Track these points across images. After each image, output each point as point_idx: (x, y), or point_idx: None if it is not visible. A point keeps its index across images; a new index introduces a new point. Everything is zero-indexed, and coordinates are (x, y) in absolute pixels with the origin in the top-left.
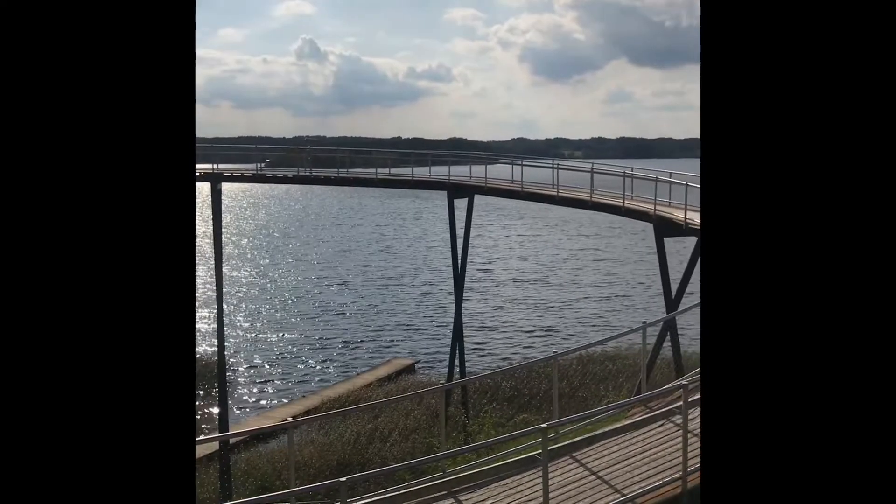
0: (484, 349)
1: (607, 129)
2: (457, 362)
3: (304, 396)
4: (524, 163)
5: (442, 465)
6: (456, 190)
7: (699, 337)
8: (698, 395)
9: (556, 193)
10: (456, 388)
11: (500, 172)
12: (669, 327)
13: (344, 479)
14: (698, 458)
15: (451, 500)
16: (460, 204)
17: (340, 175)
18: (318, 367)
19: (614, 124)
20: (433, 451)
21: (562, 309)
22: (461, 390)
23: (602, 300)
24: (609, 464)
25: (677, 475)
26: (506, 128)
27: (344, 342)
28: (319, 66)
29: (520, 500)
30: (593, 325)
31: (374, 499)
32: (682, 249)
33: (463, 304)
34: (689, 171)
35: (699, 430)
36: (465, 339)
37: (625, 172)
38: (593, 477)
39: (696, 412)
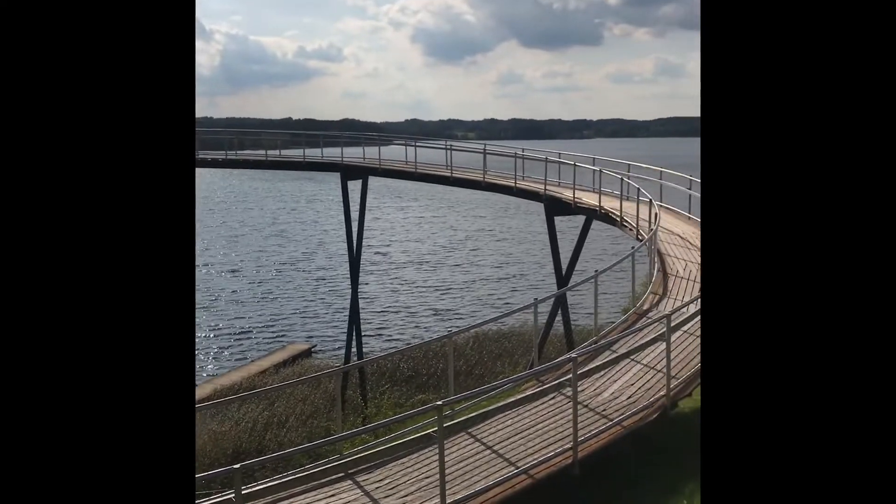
0: (382, 332)
1: (500, 110)
2: (354, 346)
3: (196, 385)
4: (418, 144)
5: (339, 448)
6: (349, 172)
7: (592, 310)
8: (588, 367)
9: (450, 174)
10: (353, 370)
11: (393, 154)
12: (560, 303)
13: (238, 465)
14: (588, 429)
15: (349, 482)
16: (354, 186)
17: (228, 157)
18: (211, 356)
19: (506, 106)
20: (331, 434)
21: (460, 290)
22: (359, 373)
23: (499, 280)
24: (503, 437)
25: (568, 445)
26: (399, 109)
27: (239, 330)
28: (205, 45)
29: (416, 478)
30: (492, 306)
31: (269, 484)
32: (572, 228)
33: (359, 288)
34: (578, 151)
35: (588, 401)
36: (363, 322)
37: (516, 154)
38: (488, 451)
39: (585, 383)
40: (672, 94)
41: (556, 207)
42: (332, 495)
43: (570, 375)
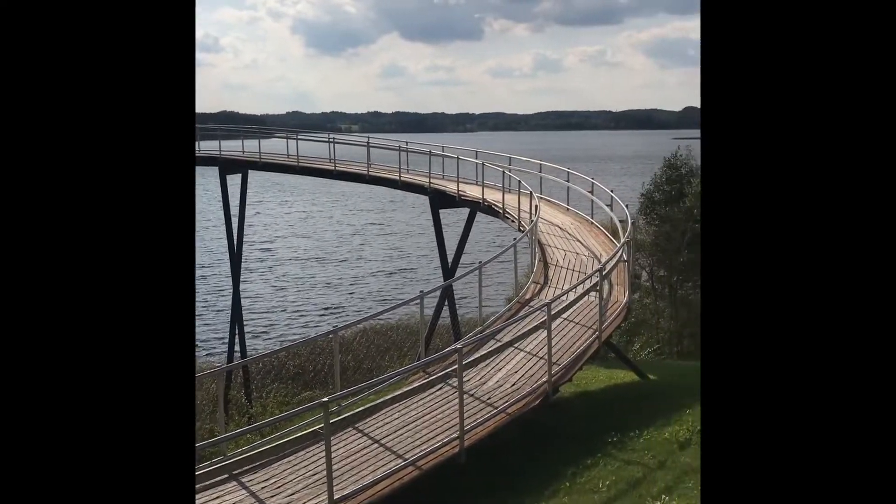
0: (268, 331)
1: (383, 103)
2: (237, 346)
3: None
4: (300, 137)
5: (223, 449)
6: (228, 166)
7: (471, 302)
8: (473, 357)
9: (333, 168)
10: (237, 370)
11: (275, 147)
12: (447, 295)
13: None
14: (474, 417)
15: (234, 483)
16: (234, 180)
17: None
18: None
19: (390, 98)
20: (214, 436)
21: (349, 285)
22: (243, 372)
23: (387, 274)
24: (391, 430)
25: (455, 435)
26: (280, 101)
27: None
28: None
29: (303, 476)
30: (381, 301)
31: None
32: (458, 221)
33: (241, 286)
34: (461, 144)
35: (474, 390)
36: (246, 322)
37: (400, 147)
38: (376, 445)
39: (471, 373)
40: (550, 89)
41: (440, 200)
42: (216, 498)
43: (456, 366)
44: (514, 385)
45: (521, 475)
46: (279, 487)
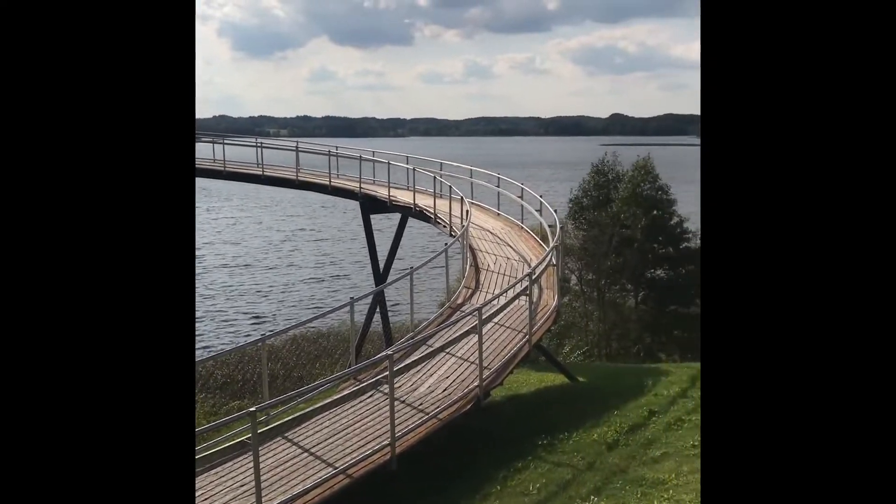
0: (196, 340)
1: (312, 107)
2: None
3: None
4: (227, 141)
5: None
6: None
7: (403, 307)
8: (404, 363)
9: (261, 173)
10: None
11: (201, 151)
12: (379, 301)
13: None
14: (405, 424)
15: None
16: None
17: None
18: None
19: (319, 103)
20: None
21: (279, 293)
22: None
23: (318, 281)
24: (321, 439)
25: (386, 442)
26: (207, 105)
27: None
28: None
29: (231, 487)
30: (312, 308)
31: None
32: (389, 226)
33: None
34: (393, 149)
35: (406, 397)
36: None
37: (329, 151)
38: (306, 454)
39: (402, 379)
40: (481, 95)
41: (371, 205)
42: None
43: (387, 373)
44: (445, 390)
45: (453, 480)
46: (207, 499)
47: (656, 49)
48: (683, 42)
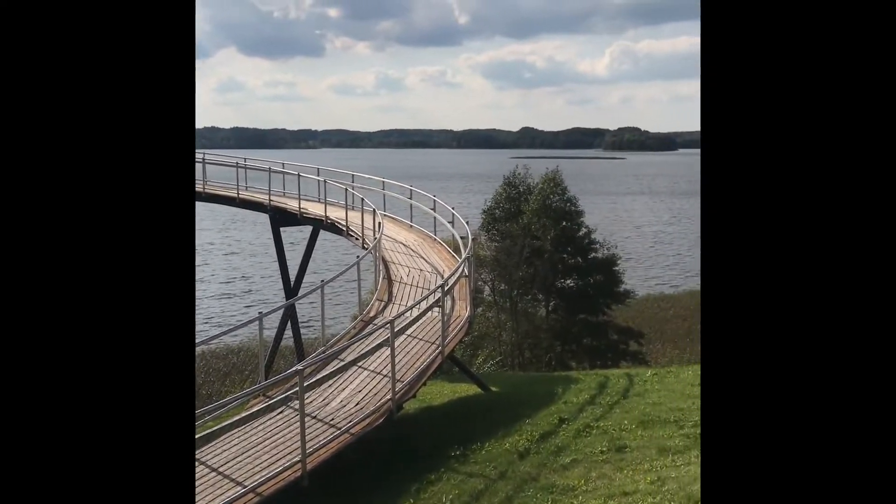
0: None
1: (221, 118)
2: None
3: None
4: None
5: None
6: None
7: (317, 321)
8: (316, 378)
9: None
10: None
11: None
12: (290, 315)
13: None
14: (317, 440)
15: None
16: None
17: None
18: None
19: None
20: None
21: None
22: None
23: (229, 297)
24: (230, 457)
25: (297, 458)
26: None
27: None
28: None
29: None
30: (223, 324)
31: None
32: (301, 239)
33: None
34: (304, 161)
35: (317, 412)
36: None
37: (238, 163)
38: (214, 473)
39: (314, 394)
40: (393, 107)
41: (281, 218)
42: None
43: (297, 388)
44: (357, 404)
45: (365, 495)
46: None
47: (564, 64)
48: (590, 58)
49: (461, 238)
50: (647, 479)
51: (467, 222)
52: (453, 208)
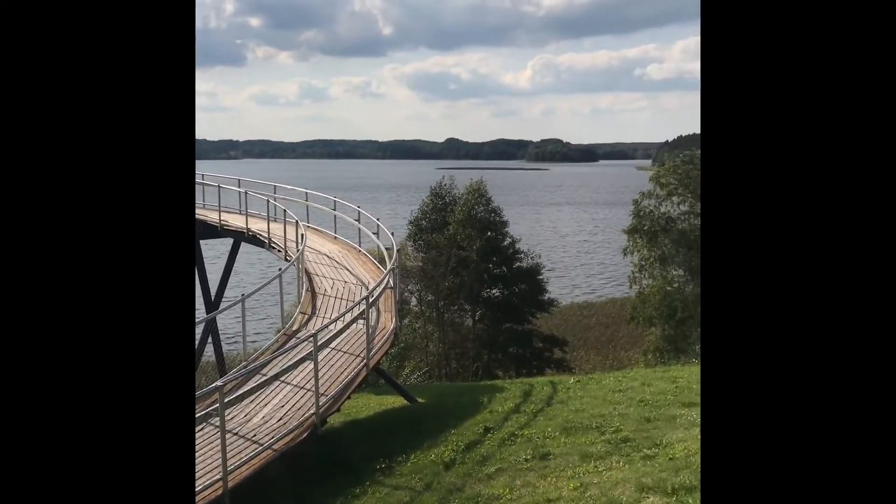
0: None
1: None
2: None
3: None
4: None
5: None
6: None
7: (241, 336)
8: (237, 393)
9: None
10: None
11: None
12: (210, 329)
13: None
14: (239, 457)
15: None
16: None
17: None
18: None
19: None
20: None
21: None
22: None
23: None
24: None
25: (218, 477)
26: None
27: None
28: None
29: None
30: None
31: None
32: (222, 252)
33: None
34: (226, 172)
35: (239, 428)
36: None
37: None
38: None
39: (235, 410)
40: (316, 117)
41: (201, 231)
42: None
43: (217, 405)
44: (280, 420)
45: None
46: None
47: (488, 77)
48: (513, 70)
49: (386, 249)
50: (571, 486)
51: (392, 233)
52: (378, 219)
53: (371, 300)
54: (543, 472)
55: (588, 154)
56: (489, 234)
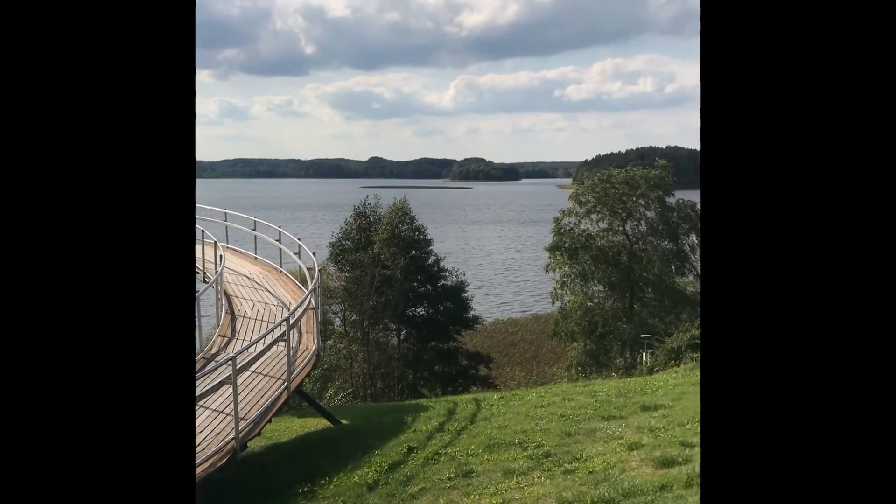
0: None
1: None
2: None
3: None
4: None
5: None
6: None
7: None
8: None
9: None
10: None
11: None
12: None
13: None
14: None
15: None
16: None
17: None
18: None
19: None
20: None
21: None
22: None
23: None
24: None
25: None
26: None
27: None
28: None
29: None
30: None
31: None
32: None
33: None
34: None
35: None
36: None
37: None
38: None
39: None
40: (237, 137)
41: None
42: None
43: None
44: (198, 445)
45: None
46: None
47: (411, 96)
48: (436, 90)
49: (308, 269)
50: (493, 503)
51: (314, 253)
52: (300, 239)
53: (292, 321)
54: (466, 489)
55: (510, 173)
56: (413, 252)
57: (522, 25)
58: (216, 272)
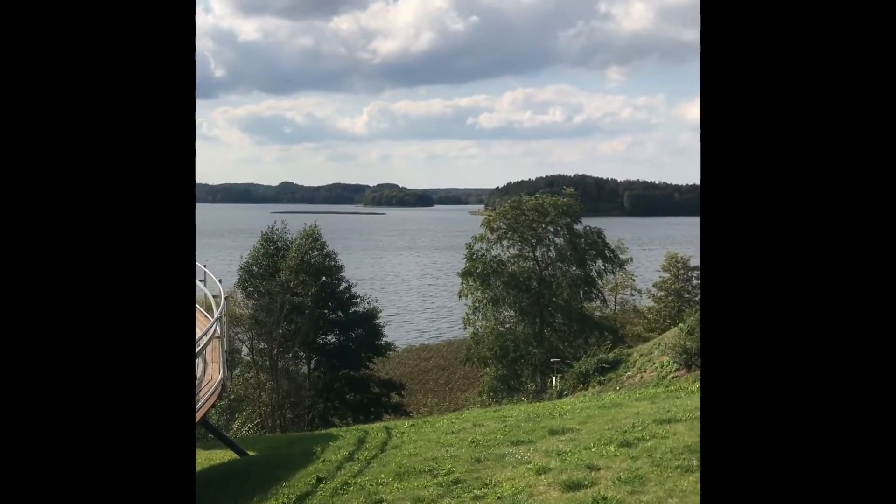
0: None
1: None
2: None
3: None
4: None
5: None
6: None
7: None
8: None
9: None
10: None
11: None
12: None
13: None
14: None
15: None
16: None
17: None
18: None
19: None
20: None
21: None
22: None
23: None
24: None
25: None
26: None
27: None
28: None
29: None
30: None
31: None
32: None
33: None
34: None
35: None
36: None
37: None
38: None
39: None
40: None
41: None
42: None
43: None
44: None
45: None
46: None
47: (324, 121)
48: (349, 116)
49: (213, 297)
50: None
51: (220, 280)
52: (205, 265)
53: (196, 351)
54: None
55: (424, 199)
56: (324, 279)
57: (435, 53)
58: None
